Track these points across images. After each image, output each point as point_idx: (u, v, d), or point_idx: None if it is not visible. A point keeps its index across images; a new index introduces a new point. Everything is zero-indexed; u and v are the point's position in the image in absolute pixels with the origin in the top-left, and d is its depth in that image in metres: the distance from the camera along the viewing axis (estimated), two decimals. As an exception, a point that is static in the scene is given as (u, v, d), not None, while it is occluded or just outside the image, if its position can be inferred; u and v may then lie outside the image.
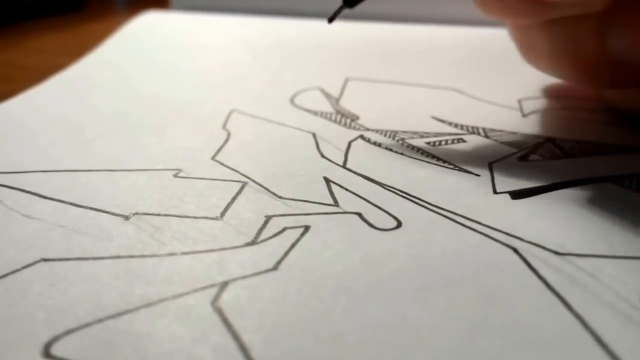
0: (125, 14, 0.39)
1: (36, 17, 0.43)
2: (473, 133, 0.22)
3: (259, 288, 0.13)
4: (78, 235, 0.15)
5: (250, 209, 0.16)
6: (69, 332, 0.12)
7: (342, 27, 0.34)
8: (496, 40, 0.27)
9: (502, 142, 0.21)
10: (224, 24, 0.38)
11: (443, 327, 0.12)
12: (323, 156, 0.20)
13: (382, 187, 0.18)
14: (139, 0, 0.50)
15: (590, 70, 0.20)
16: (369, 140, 0.21)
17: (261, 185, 0.18)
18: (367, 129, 0.22)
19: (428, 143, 0.21)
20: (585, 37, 0.19)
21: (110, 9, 0.49)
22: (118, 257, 0.14)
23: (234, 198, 0.17)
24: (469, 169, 0.19)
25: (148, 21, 0.37)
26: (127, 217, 0.16)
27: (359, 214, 0.16)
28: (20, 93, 0.26)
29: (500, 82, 0.27)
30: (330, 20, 0.20)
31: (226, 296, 0.13)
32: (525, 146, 0.20)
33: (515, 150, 0.20)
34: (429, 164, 0.19)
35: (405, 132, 0.22)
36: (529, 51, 0.22)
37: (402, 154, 0.20)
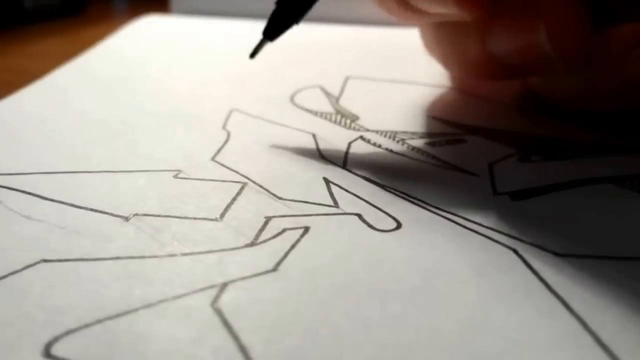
0: (125, 19, 0.39)
1: (36, 21, 0.43)
2: (473, 133, 0.22)
3: (258, 289, 0.13)
4: (78, 236, 0.15)
5: (250, 210, 0.16)
6: (69, 332, 0.12)
7: (343, 30, 0.35)
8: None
9: (502, 143, 0.21)
10: (224, 27, 0.38)
11: (443, 328, 0.12)
12: (323, 157, 0.20)
13: (381, 188, 0.18)
14: (139, 6, 0.50)
15: (474, 67, 0.21)
16: (368, 141, 0.21)
17: (261, 186, 0.18)
18: (367, 130, 0.22)
19: (428, 143, 0.21)
20: (467, 39, 0.20)
21: (110, 14, 0.49)
22: (118, 258, 0.14)
23: (234, 199, 0.17)
24: (468, 169, 0.19)
25: (147, 24, 0.37)
26: (127, 219, 0.16)
27: (359, 215, 0.16)
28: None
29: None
30: (252, 55, 0.21)
31: (226, 297, 0.13)
32: (526, 146, 0.20)
33: (516, 150, 0.20)
34: (429, 165, 0.19)
35: (405, 132, 0.22)
36: (425, 45, 0.23)
37: (401, 154, 0.20)
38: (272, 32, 0.20)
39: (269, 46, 0.21)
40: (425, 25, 0.23)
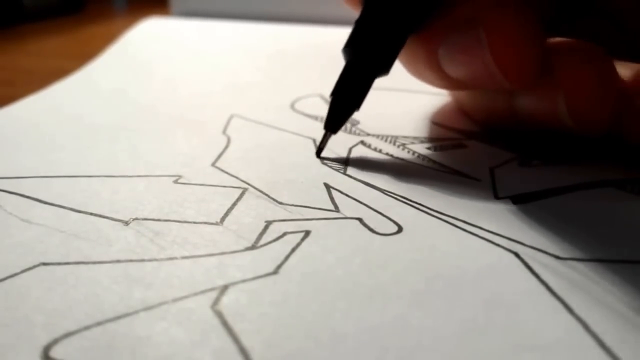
0: (124, 17, 0.39)
1: (35, 19, 0.43)
2: (473, 138, 0.22)
3: (259, 292, 0.13)
4: (77, 240, 0.15)
5: (251, 215, 0.16)
6: (68, 335, 0.12)
7: (345, 33, 0.35)
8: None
9: (503, 147, 0.21)
10: (225, 30, 0.38)
11: (444, 330, 0.12)
12: (323, 162, 0.20)
13: (382, 192, 0.18)
14: (138, 3, 0.50)
15: (433, 84, 0.21)
16: (369, 146, 0.21)
17: (261, 191, 0.18)
18: (368, 134, 0.22)
19: (428, 148, 0.21)
20: (421, 63, 0.20)
21: (110, 12, 0.49)
22: (118, 261, 0.14)
23: (234, 204, 0.17)
24: (469, 173, 0.19)
25: (149, 28, 0.37)
26: (126, 223, 0.16)
27: (360, 219, 0.16)
28: (20, 96, 0.26)
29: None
30: (318, 153, 0.20)
31: (226, 299, 0.13)
32: (527, 151, 0.20)
33: (516, 155, 0.20)
34: (430, 169, 0.19)
35: (405, 137, 0.22)
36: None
37: (402, 159, 0.20)
38: (333, 125, 0.20)
39: (269, 52, 0.21)
40: None
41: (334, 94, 0.19)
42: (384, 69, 0.19)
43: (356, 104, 0.19)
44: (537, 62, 0.18)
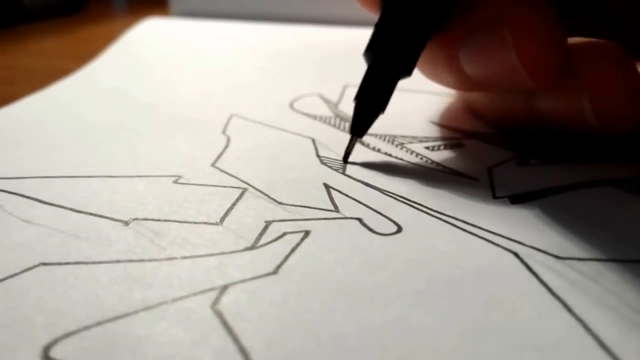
0: (124, 17, 0.39)
1: (35, 19, 0.43)
2: (472, 138, 0.22)
3: (259, 291, 0.13)
4: (77, 240, 0.15)
5: (250, 215, 0.16)
6: (67, 335, 0.12)
7: (343, 33, 0.35)
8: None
9: (501, 147, 0.21)
10: (224, 30, 0.38)
11: (444, 330, 0.12)
12: (322, 162, 0.20)
13: (381, 192, 0.18)
14: (138, 3, 0.50)
15: (451, 86, 0.21)
16: (368, 146, 0.21)
17: (261, 192, 0.18)
18: (367, 134, 0.22)
19: (427, 148, 0.21)
20: (440, 65, 0.20)
21: (110, 12, 0.49)
22: (117, 261, 0.14)
23: (234, 204, 0.17)
24: (468, 173, 0.19)
25: (149, 28, 0.37)
26: (126, 223, 0.16)
27: (359, 219, 0.16)
28: (20, 95, 0.26)
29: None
30: (345, 158, 0.20)
31: (226, 299, 0.13)
32: (525, 150, 0.20)
33: (514, 154, 0.20)
34: (428, 169, 0.19)
35: (404, 137, 0.22)
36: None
37: (401, 159, 0.20)
38: (359, 129, 0.20)
39: (268, 52, 0.21)
40: None
41: (358, 98, 0.19)
42: (407, 71, 0.19)
43: (381, 107, 0.19)
44: (561, 61, 0.18)
